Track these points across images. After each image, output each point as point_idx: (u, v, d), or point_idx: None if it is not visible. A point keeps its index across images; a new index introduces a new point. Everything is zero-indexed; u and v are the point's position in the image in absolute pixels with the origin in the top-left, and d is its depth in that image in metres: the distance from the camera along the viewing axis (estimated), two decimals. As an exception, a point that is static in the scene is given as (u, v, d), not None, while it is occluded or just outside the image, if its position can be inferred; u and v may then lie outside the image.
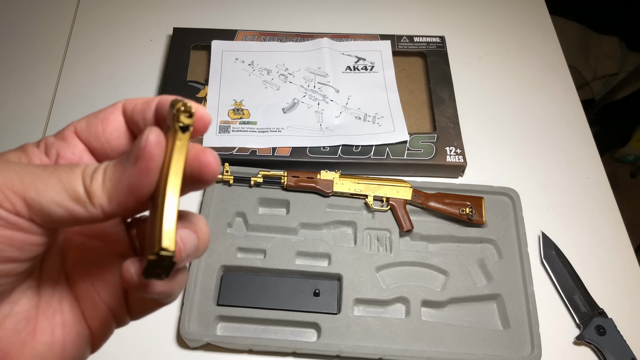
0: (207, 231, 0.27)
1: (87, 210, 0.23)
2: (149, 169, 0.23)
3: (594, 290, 0.69)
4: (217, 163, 0.25)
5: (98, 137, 0.27)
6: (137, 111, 0.27)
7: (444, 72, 0.85)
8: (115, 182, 0.23)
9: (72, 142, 0.27)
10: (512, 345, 0.63)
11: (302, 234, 0.70)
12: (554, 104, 0.88)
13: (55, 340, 0.26)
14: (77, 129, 0.27)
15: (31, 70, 0.86)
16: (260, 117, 0.78)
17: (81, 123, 0.28)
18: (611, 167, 1.77)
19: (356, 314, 0.65)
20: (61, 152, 0.27)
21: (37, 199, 0.22)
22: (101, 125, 0.27)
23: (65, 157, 0.27)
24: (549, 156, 0.82)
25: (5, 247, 0.22)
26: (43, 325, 0.26)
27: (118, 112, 0.28)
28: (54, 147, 0.27)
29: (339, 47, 0.87)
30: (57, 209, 0.22)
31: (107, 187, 0.23)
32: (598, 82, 1.72)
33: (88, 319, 0.27)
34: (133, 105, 0.27)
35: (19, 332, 0.25)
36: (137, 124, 0.27)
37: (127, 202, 0.23)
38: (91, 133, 0.27)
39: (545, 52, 0.94)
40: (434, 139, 0.77)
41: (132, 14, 0.94)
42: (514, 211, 0.72)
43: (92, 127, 0.27)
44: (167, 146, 0.24)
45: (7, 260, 0.22)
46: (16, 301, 0.25)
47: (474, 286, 0.67)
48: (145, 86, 0.85)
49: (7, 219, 0.22)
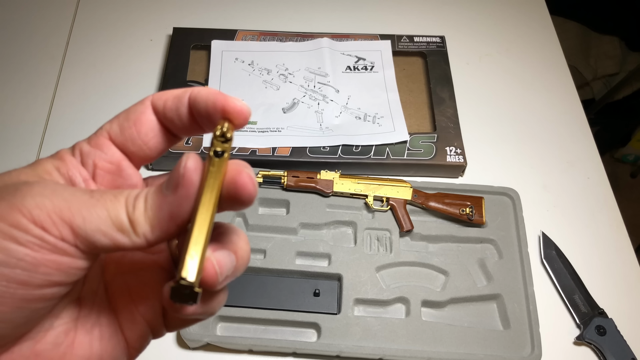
0: (248, 249, 0.26)
1: (130, 240, 0.23)
2: (188, 196, 0.23)
3: (594, 290, 0.69)
4: (253, 184, 0.24)
5: (134, 141, 0.27)
6: (170, 108, 0.27)
7: (444, 72, 0.85)
8: (156, 210, 0.23)
9: (108, 150, 0.27)
10: (512, 346, 0.63)
11: (302, 234, 0.70)
12: (554, 104, 0.88)
13: (93, 353, 0.26)
14: (111, 134, 0.27)
15: (31, 70, 0.86)
16: (260, 117, 0.78)
17: (114, 127, 0.27)
18: (611, 167, 1.77)
19: (356, 314, 0.65)
20: (98, 162, 0.27)
21: (83, 226, 0.22)
22: (135, 129, 0.27)
23: (102, 167, 0.27)
24: (549, 156, 0.82)
25: (52, 271, 0.22)
26: (81, 339, 0.26)
27: (149, 110, 0.27)
28: (90, 156, 0.27)
29: (339, 47, 0.87)
30: (102, 237, 0.22)
31: (149, 216, 0.23)
32: (598, 82, 1.72)
33: (125, 332, 0.27)
34: (164, 102, 0.27)
35: (58, 345, 0.25)
36: (172, 121, 0.27)
37: (169, 230, 0.23)
38: (126, 137, 0.27)
39: (545, 52, 0.94)
40: (434, 139, 0.77)
41: (132, 14, 0.94)
42: (514, 211, 0.72)
43: (126, 131, 0.27)
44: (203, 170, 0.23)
45: (54, 284, 0.22)
46: (57, 314, 0.25)
47: (474, 286, 0.67)
48: (145, 86, 0.85)
49: (55, 244, 0.22)
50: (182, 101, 0.26)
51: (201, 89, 0.26)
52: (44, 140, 0.78)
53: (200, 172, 0.23)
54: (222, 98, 0.25)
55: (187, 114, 0.26)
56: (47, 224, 0.22)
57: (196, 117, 0.26)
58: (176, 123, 0.27)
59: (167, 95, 0.27)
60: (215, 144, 0.24)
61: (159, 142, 0.28)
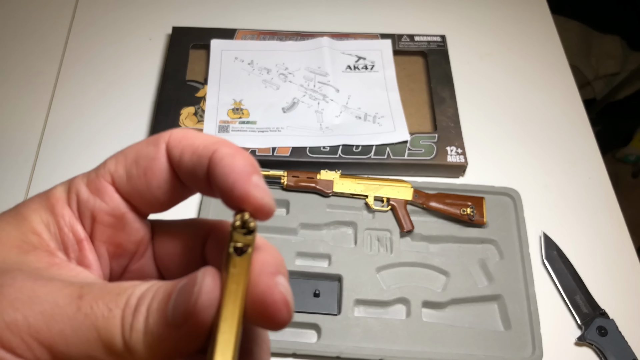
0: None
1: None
2: (201, 330, 0.18)
3: (595, 290, 0.68)
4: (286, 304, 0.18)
5: (142, 194, 0.22)
6: (187, 164, 0.21)
7: (444, 72, 0.85)
8: (158, 339, 0.18)
9: (110, 199, 0.22)
10: (513, 346, 0.62)
11: (302, 234, 0.70)
12: (555, 104, 0.88)
13: None
14: (116, 180, 0.22)
15: (29, 70, 0.86)
16: (259, 116, 0.78)
17: (119, 172, 0.22)
18: (613, 167, 1.77)
19: (356, 314, 0.64)
20: (97, 214, 0.22)
21: (66, 352, 0.18)
22: (145, 179, 0.22)
23: (102, 220, 0.22)
24: (550, 156, 0.82)
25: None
26: None
27: (163, 157, 0.22)
28: (88, 206, 0.22)
29: (339, 46, 0.87)
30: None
31: (149, 343, 0.18)
32: (600, 81, 1.72)
33: None
34: (180, 152, 0.22)
35: None
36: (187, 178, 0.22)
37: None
38: (133, 188, 0.22)
39: (546, 52, 0.94)
40: (434, 139, 0.77)
41: (131, 13, 0.94)
42: (515, 211, 0.72)
43: (134, 180, 0.22)
44: (222, 274, 0.19)
45: None
46: None
47: (474, 287, 0.66)
48: (144, 85, 0.84)
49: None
50: (202, 162, 0.21)
51: (227, 154, 0.20)
52: (42, 140, 0.78)
53: (218, 295, 0.18)
54: (243, 186, 0.20)
55: (204, 179, 0.21)
56: (19, 349, 0.17)
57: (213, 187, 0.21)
58: (191, 181, 0.22)
59: (185, 144, 0.22)
60: (235, 238, 0.19)
61: (172, 196, 0.23)
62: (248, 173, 0.20)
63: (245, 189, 0.20)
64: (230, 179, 0.20)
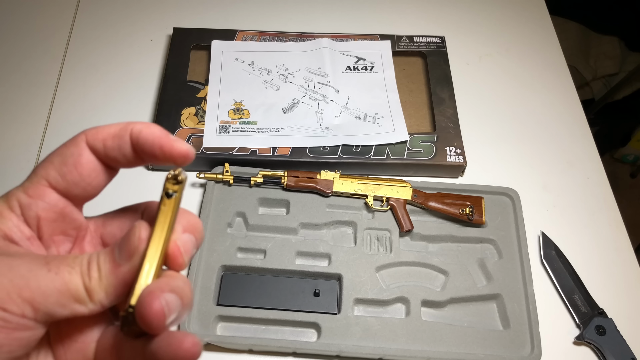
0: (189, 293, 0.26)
1: (87, 308, 0.24)
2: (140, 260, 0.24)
3: (593, 290, 0.69)
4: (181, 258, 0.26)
5: (78, 184, 0.27)
6: (111, 147, 0.27)
7: (444, 72, 0.85)
8: (111, 278, 0.24)
9: (49, 198, 0.27)
10: (512, 345, 0.63)
11: (302, 234, 0.70)
12: (554, 104, 0.88)
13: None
14: (51, 181, 0.27)
15: (31, 71, 0.86)
16: (260, 117, 0.78)
17: (51, 174, 0.27)
18: (611, 167, 1.77)
19: (356, 314, 0.65)
20: (41, 213, 0.27)
21: (44, 302, 0.23)
22: (77, 172, 0.27)
23: (46, 217, 0.27)
24: (549, 156, 0.82)
25: (15, 348, 0.23)
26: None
27: (86, 151, 0.27)
28: (32, 209, 0.27)
29: (339, 47, 0.87)
30: (61, 309, 0.23)
31: (104, 284, 0.24)
32: (598, 82, 1.72)
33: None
34: (102, 141, 0.27)
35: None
36: (114, 159, 0.27)
37: (124, 293, 0.24)
38: (69, 182, 0.27)
39: (545, 52, 0.94)
40: (434, 139, 0.77)
41: (132, 14, 0.94)
42: (514, 211, 0.72)
43: (68, 176, 0.27)
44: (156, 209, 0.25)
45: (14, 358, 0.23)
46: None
47: (474, 286, 0.67)
48: (145, 86, 0.85)
49: (17, 322, 0.22)
50: (124, 139, 0.27)
51: (142, 128, 0.26)
52: (44, 141, 0.79)
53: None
54: (167, 142, 0.26)
55: (131, 152, 0.27)
56: (7, 304, 0.22)
57: (141, 155, 0.27)
58: (120, 160, 0.27)
59: (103, 134, 0.27)
60: (166, 186, 0.25)
61: (102, 180, 0.28)
62: (166, 134, 0.26)
63: (170, 144, 0.26)
64: (156, 142, 0.26)
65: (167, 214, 0.25)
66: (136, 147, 0.27)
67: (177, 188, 0.25)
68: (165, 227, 0.25)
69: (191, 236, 0.26)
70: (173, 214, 0.25)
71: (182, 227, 0.26)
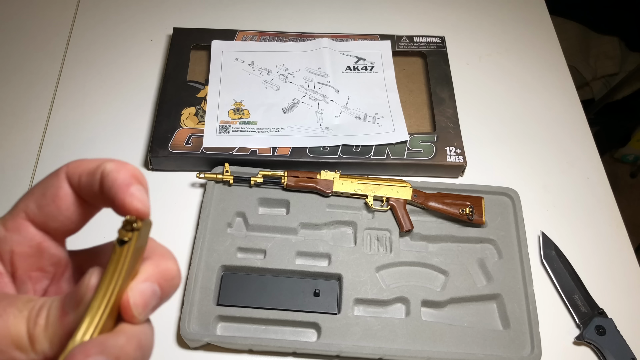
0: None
1: (28, 357, 0.23)
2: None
3: (593, 290, 0.69)
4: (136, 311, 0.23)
5: (56, 217, 0.26)
6: (85, 184, 0.26)
7: (443, 72, 0.85)
8: (57, 327, 0.22)
9: (26, 232, 0.26)
10: (512, 345, 0.63)
11: (302, 234, 0.70)
12: (554, 104, 0.88)
13: None
14: (29, 214, 0.26)
15: (31, 71, 0.86)
16: (260, 117, 0.78)
17: (30, 206, 0.26)
18: (611, 167, 1.77)
19: (356, 314, 0.65)
20: (15, 248, 0.26)
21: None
22: (54, 205, 0.26)
23: (21, 252, 0.26)
24: (549, 156, 0.82)
25: None
26: None
27: (65, 184, 0.26)
28: (7, 243, 0.26)
29: (339, 47, 0.87)
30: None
31: (49, 333, 0.22)
32: (598, 82, 1.72)
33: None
34: (78, 177, 0.26)
35: None
36: (88, 197, 0.26)
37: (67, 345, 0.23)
38: (46, 215, 0.26)
39: (545, 52, 0.94)
40: (433, 139, 0.77)
41: (132, 14, 0.94)
42: (514, 211, 0.72)
43: (45, 209, 0.26)
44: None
45: None
46: None
47: (473, 286, 0.67)
48: (146, 86, 0.85)
49: None
50: (95, 178, 0.25)
51: (112, 169, 0.25)
52: (44, 141, 0.79)
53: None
54: (122, 194, 0.24)
55: (99, 192, 0.25)
56: None
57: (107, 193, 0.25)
58: (92, 199, 0.26)
59: (81, 169, 0.26)
60: (120, 233, 0.23)
61: (80, 214, 0.27)
62: (127, 185, 0.24)
63: (122, 199, 0.24)
64: (112, 190, 0.24)
65: (119, 262, 0.23)
66: (102, 188, 0.25)
67: (130, 235, 0.23)
68: (116, 276, 0.23)
69: (153, 285, 0.24)
70: (129, 262, 0.23)
71: (146, 275, 0.24)
